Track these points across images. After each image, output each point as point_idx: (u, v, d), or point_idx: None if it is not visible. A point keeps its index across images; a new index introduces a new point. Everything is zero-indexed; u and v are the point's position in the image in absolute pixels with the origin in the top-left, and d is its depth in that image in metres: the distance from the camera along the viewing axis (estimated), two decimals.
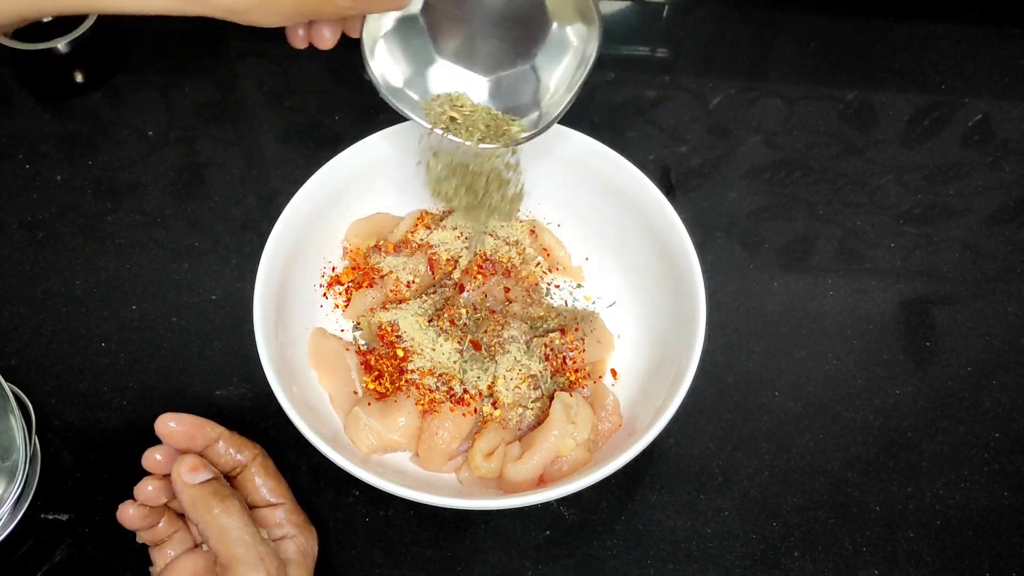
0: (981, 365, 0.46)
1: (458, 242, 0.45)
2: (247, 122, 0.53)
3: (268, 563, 0.31)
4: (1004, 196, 0.53)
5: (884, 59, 0.58)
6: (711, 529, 0.40)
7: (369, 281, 0.44)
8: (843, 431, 0.43)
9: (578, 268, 0.47)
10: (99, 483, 0.40)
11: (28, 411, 0.40)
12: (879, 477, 0.42)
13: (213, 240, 0.48)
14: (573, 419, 0.39)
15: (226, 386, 0.43)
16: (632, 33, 0.59)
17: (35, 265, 0.47)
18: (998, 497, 0.42)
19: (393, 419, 0.39)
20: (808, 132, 0.54)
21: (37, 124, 0.53)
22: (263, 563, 0.31)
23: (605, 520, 0.40)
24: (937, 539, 0.40)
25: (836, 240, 0.50)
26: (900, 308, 0.48)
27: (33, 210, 0.49)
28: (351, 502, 0.40)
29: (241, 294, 0.46)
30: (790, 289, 0.48)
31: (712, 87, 0.56)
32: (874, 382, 0.45)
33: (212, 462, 0.34)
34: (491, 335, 0.41)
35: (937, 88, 0.57)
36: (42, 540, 0.39)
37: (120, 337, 0.45)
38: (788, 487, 0.42)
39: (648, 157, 0.52)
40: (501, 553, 0.39)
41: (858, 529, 0.41)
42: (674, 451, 0.42)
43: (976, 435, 0.43)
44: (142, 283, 0.47)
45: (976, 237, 0.51)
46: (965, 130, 0.55)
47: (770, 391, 0.44)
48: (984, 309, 0.48)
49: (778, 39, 0.59)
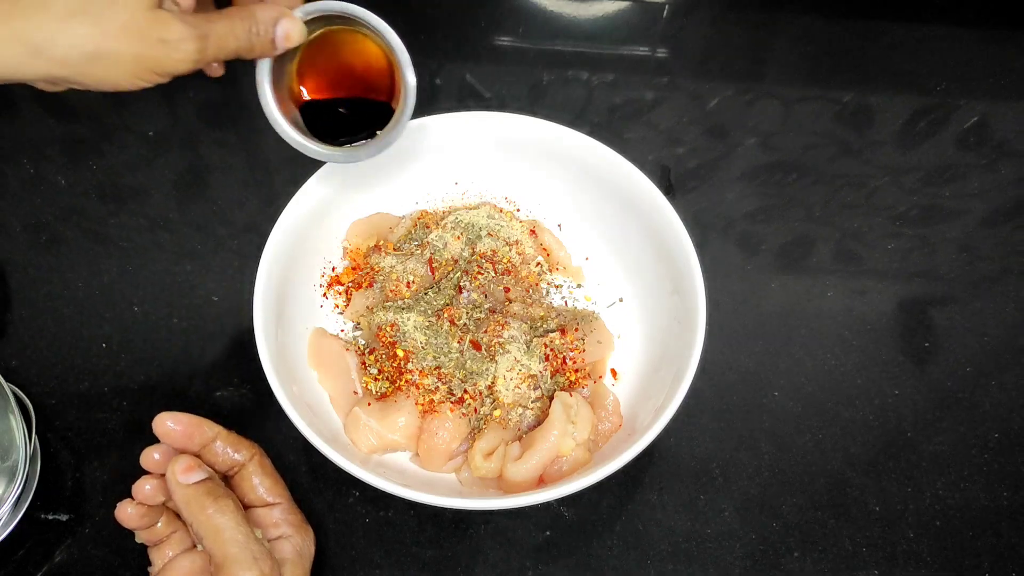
0: (980, 365, 0.46)
1: (458, 242, 0.45)
2: (249, 124, 0.54)
3: (262, 563, 0.31)
4: (1001, 197, 0.53)
5: (881, 61, 0.59)
6: (711, 529, 0.40)
7: (369, 281, 0.44)
8: (843, 431, 0.43)
9: (578, 268, 0.47)
10: (99, 483, 0.40)
11: (28, 411, 0.40)
12: (879, 477, 0.42)
13: (215, 242, 0.49)
14: (573, 419, 0.39)
15: (227, 386, 0.43)
16: (631, 34, 0.59)
17: (38, 267, 0.47)
18: (997, 497, 0.42)
19: (393, 419, 0.39)
20: (805, 133, 0.55)
21: (41, 128, 0.53)
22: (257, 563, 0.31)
23: (605, 520, 0.40)
24: (937, 539, 0.40)
25: (834, 241, 0.50)
26: (898, 309, 0.48)
27: (36, 213, 0.49)
28: (351, 502, 0.40)
29: (242, 295, 0.46)
30: (789, 290, 0.48)
31: (710, 88, 0.56)
32: (873, 382, 0.45)
33: (209, 462, 0.34)
34: (491, 335, 0.41)
35: (934, 90, 0.57)
36: (42, 540, 0.39)
37: (121, 338, 0.45)
38: (788, 487, 0.42)
39: (647, 157, 0.53)
40: (501, 553, 0.39)
41: (858, 529, 0.40)
42: (674, 451, 0.42)
43: (975, 435, 0.44)
44: (144, 285, 0.47)
45: (973, 238, 0.51)
46: (962, 132, 0.55)
47: (770, 391, 0.44)
48: (982, 309, 0.48)
49: (775, 41, 0.60)
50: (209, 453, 0.35)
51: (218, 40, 0.31)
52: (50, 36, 0.28)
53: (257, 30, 0.33)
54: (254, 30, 0.33)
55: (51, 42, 0.28)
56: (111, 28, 0.29)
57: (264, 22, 0.33)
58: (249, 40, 0.33)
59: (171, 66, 0.30)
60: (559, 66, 0.57)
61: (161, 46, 0.30)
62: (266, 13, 0.33)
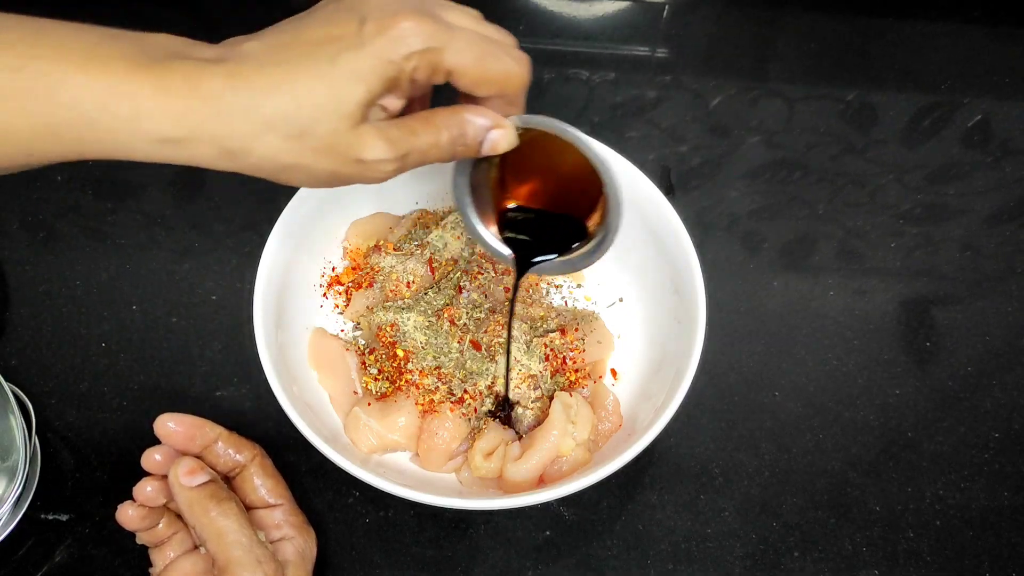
0: (981, 365, 0.46)
1: (458, 242, 0.45)
2: None
3: (265, 566, 0.31)
4: (1005, 196, 0.52)
5: (885, 59, 0.58)
6: (711, 529, 0.40)
7: (369, 281, 0.44)
8: (843, 431, 0.43)
9: None
10: (99, 484, 0.40)
11: (28, 411, 0.40)
12: (879, 477, 0.42)
13: (214, 240, 0.48)
14: (573, 419, 0.39)
15: (226, 386, 0.43)
16: (633, 33, 0.59)
17: (36, 265, 0.47)
18: (998, 497, 0.42)
19: (393, 419, 0.39)
20: (808, 132, 0.54)
21: None
22: (260, 566, 0.31)
23: (605, 520, 0.40)
24: (937, 539, 0.40)
25: (836, 240, 0.50)
26: (901, 308, 0.48)
27: (34, 210, 0.49)
28: (351, 502, 0.40)
29: (241, 294, 0.46)
30: (790, 289, 0.48)
31: (712, 87, 0.56)
32: (874, 382, 0.45)
33: (211, 463, 0.34)
34: (491, 335, 0.41)
35: (938, 88, 0.57)
36: (42, 540, 0.39)
37: (120, 337, 0.45)
38: (788, 487, 0.42)
39: (648, 157, 0.52)
40: (501, 553, 0.39)
41: (858, 529, 0.40)
42: (674, 451, 0.42)
43: (976, 435, 0.43)
44: (142, 283, 0.47)
45: (976, 237, 0.51)
46: (966, 130, 0.55)
47: (770, 391, 0.44)
48: (985, 309, 0.48)
49: (779, 39, 0.59)
50: (210, 454, 0.35)
51: (419, 156, 0.28)
52: (247, 146, 0.26)
53: (466, 142, 0.29)
54: (461, 141, 0.29)
55: (246, 151, 0.26)
56: (311, 145, 0.26)
57: (474, 133, 0.29)
58: (453, 151, 0.29)
59: (365, 182, 0.28)
60: (559, 65, 0.56)
61: (358, 166, 0.27)
62: (479, 122, 0.29)
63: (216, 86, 0.25)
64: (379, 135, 0.27)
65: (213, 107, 0.25)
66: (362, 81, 0.25)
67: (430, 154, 0.28)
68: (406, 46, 0.25)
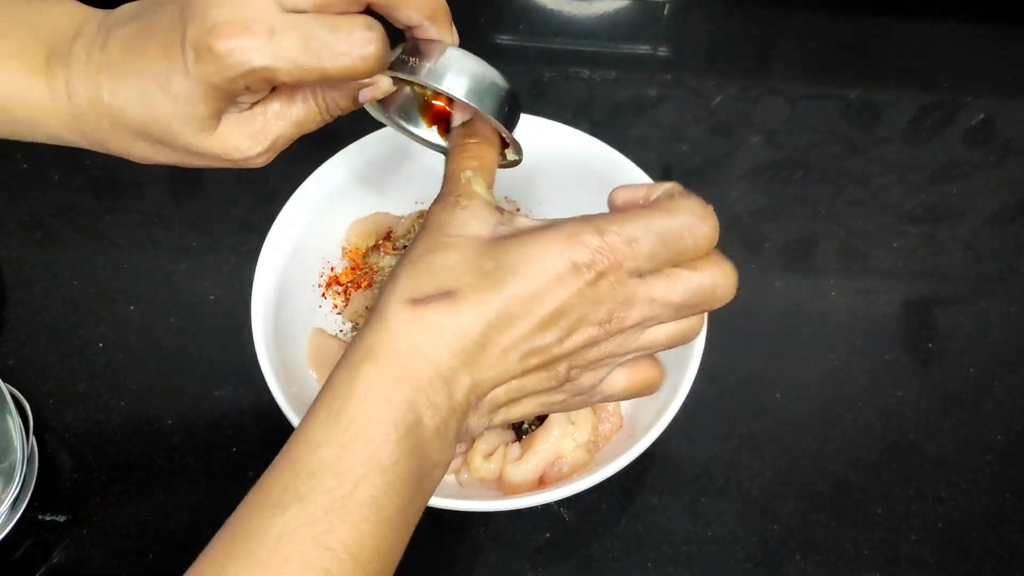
0: (984, 366, 0.46)
1: None
2: None
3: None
4: (1007, 196, 0.52)
5: (887, 58, 0.58)
6: (712, 532, 0.40)
7: (368, 281, 0.44)
8: (845, 433, 0.43)
9: None
10: (97, 484, 0.40)
11: (25, 412, 0.40)
12: (881, 479, 0.42)
13: (211, 240, 0.48)
14: (573, 420, 0.39)
15: (225, 386, 0.43)
16: (634, 31, 0.59)
17: (33, 265, 0.47)
18: (1001, 500, 0.41)
19: None
20: (810, 131, 0.54)
21: None
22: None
23: (605, 522, 0.40)
24: (939, 542, 0.40)
25: (838, 240, 0.50)
26: (903, 308, 0.48)
27: (31, 210, 0.49)
28: None
29: (240, 294, 0.46)
30: (792, 289, 0.48)
31: (714, 86, 0.56)
32: (876, 383, 0.45)
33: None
34: None
35: (940, 87, 0.56)
36: (40, 541, 0.39)
37: (118, 337, 0.45)
38: (790, 489, 0.41)
39: (649, 156, 0.52)
40: (500, 555, 0.39)
41: (860, 532, 0.40)
42: (675, 453, 0.42)
43: (979, 437, 0.43)
44: (140, 283, 0.46)
45: (979, 237, 0.50)
46: (968, 129, 0.55)
47: (771, 392, 0.44)
48: (987, 310, 0.48)
49: (780, 38, 0.59)
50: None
51: (291, 134, 0.28)
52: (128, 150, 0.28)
53: (338, 104, 0.28)
54: (334, 106, 0.28)
55: (131, 155, 0.28)
56: (178, 152, 0.27)
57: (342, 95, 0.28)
58: (327, 116, 0.28)
59: (246, 167, 0.28)
60: (560, 63, 0.56)
61: (228, 162, 0.27)
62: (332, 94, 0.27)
63: (90, 94, 0.26)
64: (240, 132, 0.27)
65: (91, 114, 0.27)
66: (199, 102, 0.25)
67: (304, 128, 0.28)
68: (225, 72, 0.24)
